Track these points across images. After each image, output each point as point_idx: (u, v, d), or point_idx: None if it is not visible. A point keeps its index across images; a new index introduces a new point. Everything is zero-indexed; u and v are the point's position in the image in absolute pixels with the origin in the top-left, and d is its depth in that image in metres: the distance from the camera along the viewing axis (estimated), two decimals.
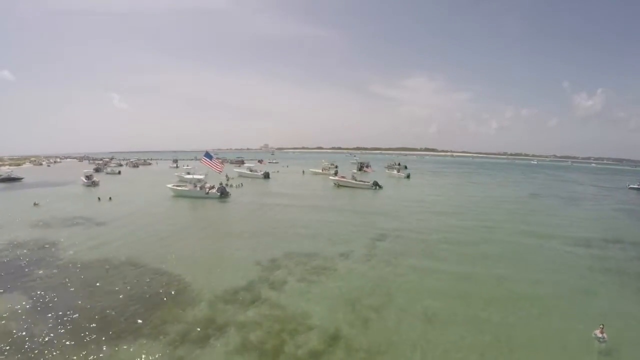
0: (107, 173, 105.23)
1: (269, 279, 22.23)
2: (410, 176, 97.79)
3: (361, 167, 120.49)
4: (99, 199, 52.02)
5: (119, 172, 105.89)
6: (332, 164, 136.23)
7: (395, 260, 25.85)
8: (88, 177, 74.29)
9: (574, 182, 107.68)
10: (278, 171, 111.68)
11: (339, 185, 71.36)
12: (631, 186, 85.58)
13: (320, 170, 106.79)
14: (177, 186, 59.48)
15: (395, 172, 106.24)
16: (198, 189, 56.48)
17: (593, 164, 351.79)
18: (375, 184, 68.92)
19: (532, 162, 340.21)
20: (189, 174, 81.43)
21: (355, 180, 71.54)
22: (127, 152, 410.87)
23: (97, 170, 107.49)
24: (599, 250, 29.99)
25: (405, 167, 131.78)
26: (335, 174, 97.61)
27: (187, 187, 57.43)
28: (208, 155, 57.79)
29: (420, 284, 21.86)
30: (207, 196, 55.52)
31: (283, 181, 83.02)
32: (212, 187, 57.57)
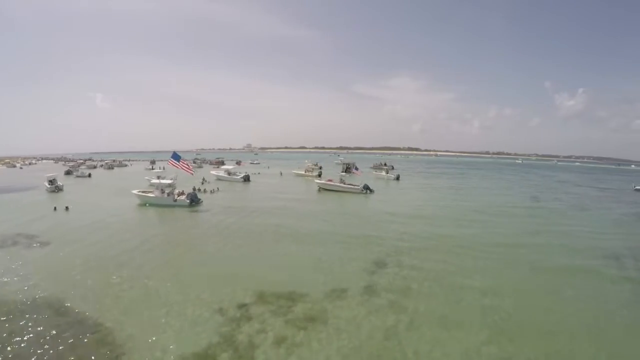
0: (78, 176, 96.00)
1: (233, 340, 15.47)
2: (400, 178, 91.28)
3: (347, 168, 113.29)
4: (55, 208, 44.92)
5: (89, 175, 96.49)
6: (315, 165, 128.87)
7: (405, 303, 19.26)
8: (51, 182, 64.94)
9: (570, 183, 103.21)
10: (259, 173, 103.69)
11: (320, 189, 64.73)
12: (637, 187, 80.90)
13: (303, 172, 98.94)
14: (143, 192, 51.65)
15: (383, 173, 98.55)
16: (165, 195, 48.97)
17: (577, 163, 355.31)
18: (366, 187, 62.11)
19: (517, 160, 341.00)
20: (159, 177, 73.60)
21: (344, 183, 64.47)
22: (109, 153, 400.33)
23: (67, 173, 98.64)
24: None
25: (393, 168, 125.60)
26: (319, 175, 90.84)
27: (154, 194, 49.83)
28: (175, 156, 49.93)
29: (443, 345, 15.33)
30: (175, 204, 48.07)
31: (263, 184, 75.68)
32: (182, 194, 49.96)
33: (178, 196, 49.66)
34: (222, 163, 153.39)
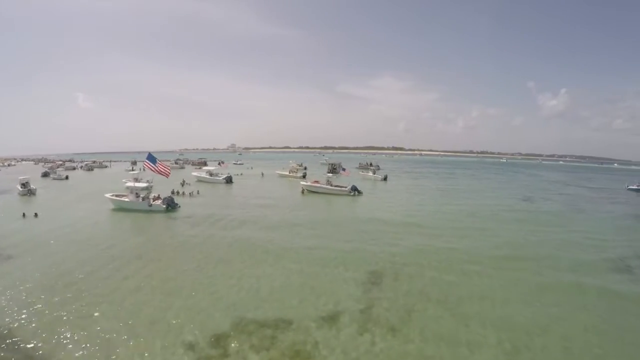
0: (55, 178, 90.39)
1: None
2: (388, 178, 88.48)
3: (333, 168, 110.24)
4: (23, 215, 41.12)
5: (67, 177, 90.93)
6: (300, 165, 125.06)
7: (407, 331, 16.44)
8: (24, 185, 60.43)
9: (559, 182, 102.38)
10: (241, 174, 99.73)
11: (305, 191, 61.64)
12: (630, 187, 79.78)
13: (287, 173, 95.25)
14: (117, 196, 47.78)
15: (370, 173, 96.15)
16: (140, 199, 45.25)
17: (561, 162, 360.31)
18: (354, 189, 59.06)
19: (502, 160, 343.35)
20: (137, 179, 69.28)
21: (331, 185, 61.22)
22: (92, 153, 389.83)
23: (44, 175, 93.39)
24: None
25: (379, 168, 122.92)
26: (304, 176, 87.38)
27: (128, 198, 46.17)
28: (151, 157, 46.12)
29: None
30: (150, 209, 44.53)
31: (246, 186, 72.13)
32: (158, 198, 46.18)
33: (154, 200, 45.93)
34: (205, 164, 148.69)
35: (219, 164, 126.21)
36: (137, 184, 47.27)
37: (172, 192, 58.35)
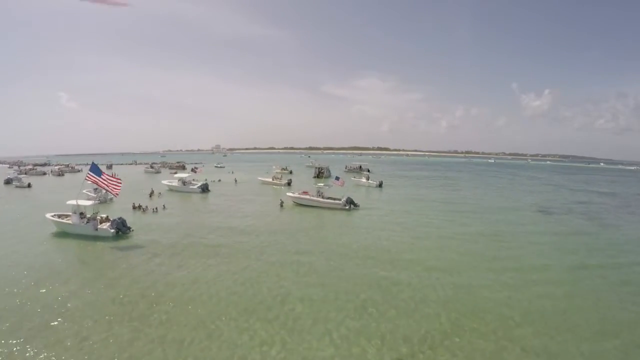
0: (17, 186, 79.66)
1: None
2: (383, 185, 79.67)
3: (320, 172, 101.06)
4: None
5: (29, 185, 79.54)
6: (284, 169, 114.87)
7: None
8: None
9: (562, 187, 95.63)
10: (219, 180, 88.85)
11: (282, 205, 52.00)
12: None
13: (271, 179, 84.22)
14: (59, 217, 37.80)
15: (364, 179, 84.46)
16: (84, 222, 35.49)
17: (548, 162, 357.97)
18: (350, 202, 50.18)
19: (489, 160, 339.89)
20: (97, 189, 59.00)
21: (323, 197, 52.09)
22: (75, 155, 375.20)
23: (7, 182, 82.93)
24: None
25: (369, 171, 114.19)
26: (289, 184, 78.04)
27: (71, 219, 36.31)
28: (95, 168, 36.28)
29: None
30: (96, 234, 34.81)
31: (223, 197, 61.62)
32: (106, 220, 36.52)
33: (101, 223, 36.36)
34: (183, 167, 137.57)
35: (193, 170, 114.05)
36: (81, 202, 37.61)
37: (134, 207, 48.88)
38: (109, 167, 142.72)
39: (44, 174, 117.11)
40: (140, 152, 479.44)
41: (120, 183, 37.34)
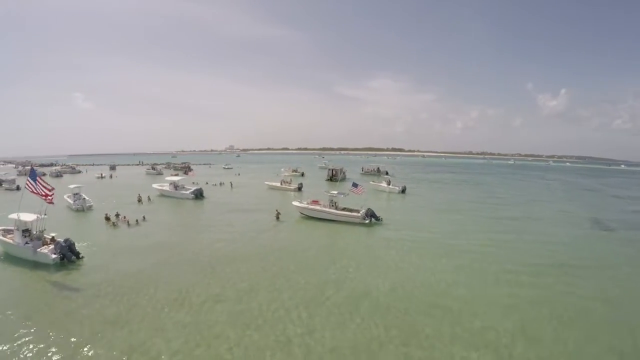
0: (7, 189, 74.41)
1: None
2: (406, 190, 69.54)
3: (334, 174, 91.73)
4: None
5: (17, 188, 72.45)
6: (295, 171, 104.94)
7: None
8: None
9: (601, 192, 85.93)
10: (221, 184, 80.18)
11: (278, 217, 42.99)
12: None
13: (279, 184, 74.49)
14: (6, 232, 30.44)
15: (384, 184, 74.15)
16: (25, 242, 27.85)
17: (567, 163, 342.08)
18: (371, 214, 40.80)
19: (509, 161, 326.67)
20: (76, 195, 50.95)
21: (336, 208, 42.66)
22: (87, 155, 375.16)
23: None
24: None
25: (387, 173, 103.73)
26: (300, 189, 68.65)
27: (13, 238, 28.85)
28: (32, 174, 27.80)
29: None
30: (36, 258, 26.96)
31: (221, 205, 52.90)
32: (52, 241, 27.67)
33: (44, 244, 27.69)
34: (189, 168, 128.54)
35: (186, 172, 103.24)
36: (24, 217, 28.82)
37: (106, 218, 40.44)
38: (112, 168, 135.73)
39: (44, 174, 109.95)
40: (154, 152, 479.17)
41: (52, 191, 27.86)
